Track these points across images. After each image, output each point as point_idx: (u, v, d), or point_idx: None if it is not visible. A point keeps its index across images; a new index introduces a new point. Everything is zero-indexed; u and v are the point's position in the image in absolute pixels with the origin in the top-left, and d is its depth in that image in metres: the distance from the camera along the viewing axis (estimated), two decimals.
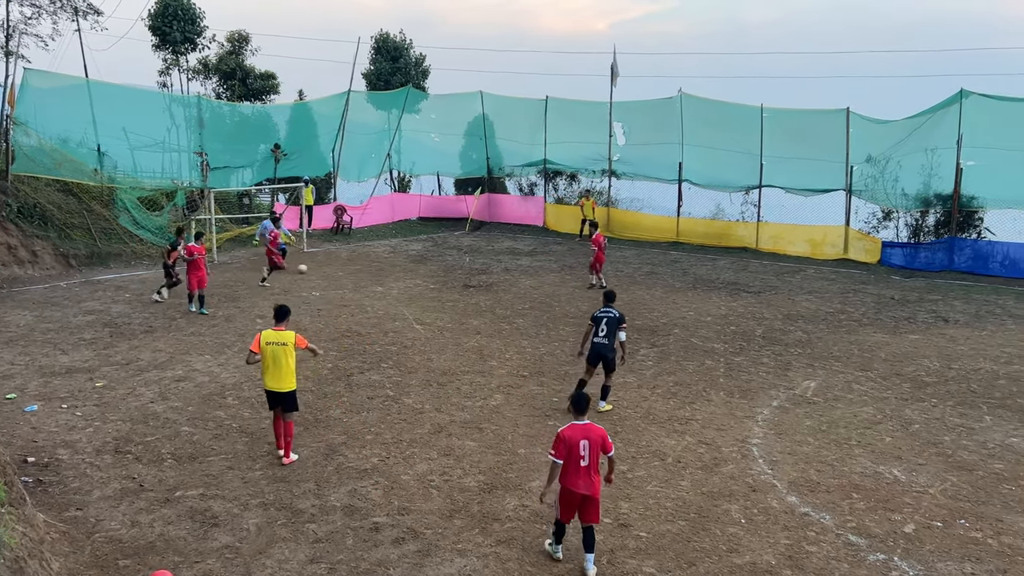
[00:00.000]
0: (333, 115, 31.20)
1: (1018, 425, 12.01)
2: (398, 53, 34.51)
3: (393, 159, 33.81)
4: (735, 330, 17.34)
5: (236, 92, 31.58)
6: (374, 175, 33.20)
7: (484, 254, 26.64)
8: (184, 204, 25.80)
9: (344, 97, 31.14)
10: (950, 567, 8.12)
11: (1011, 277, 22.95)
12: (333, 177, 32.03)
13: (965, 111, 23.42)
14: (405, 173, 35.36)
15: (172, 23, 29.87)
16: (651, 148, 29.76)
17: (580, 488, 7.86)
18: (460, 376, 14.07)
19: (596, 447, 7.91)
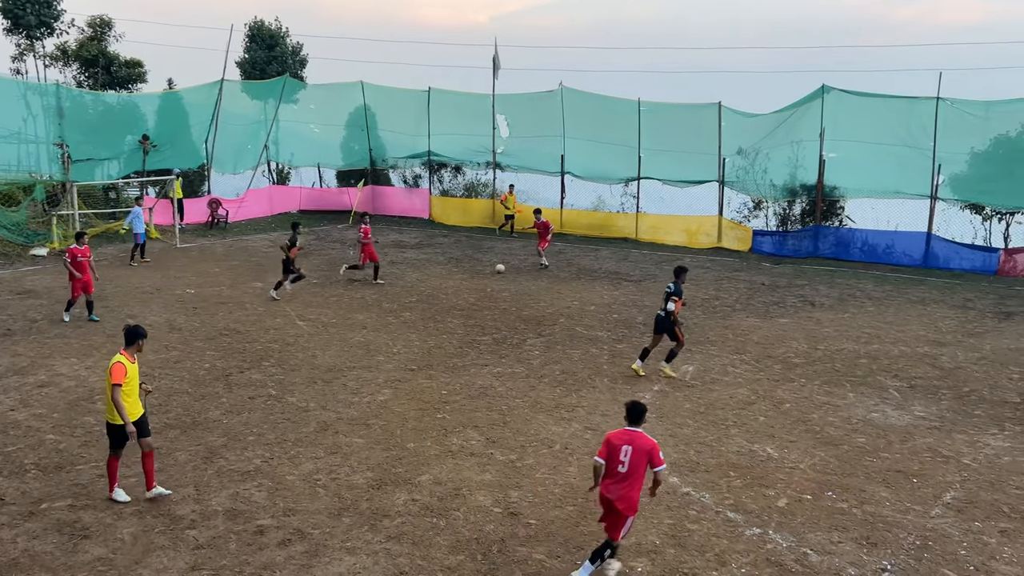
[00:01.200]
0: (206, 105, 29.98)
1: (878, 401, 12.85)
2: (273, 41, 33.49)
3: (271, 150, 32.86)
4: (618, 318, 17.78)
5: (99, 80, 29.85)
6: (251, 167, 32.11)
7: None
8: (44, 199, 24.22)
9: (217, 86, 29.98)
10: (819, 537, 8.61)
11: (870, 262, 24.50)
12: (207, 169, 30.80)
13: (827, 106, 24.79)
14: (284, 165, 34.41)
15: (26, 6, 27.94)
16: (534, 140, 30.13)
17: (610, 493, 7.52)
18: (346, 372, 13.84)
19: (640, 457, 7.44)
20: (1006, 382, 13.77)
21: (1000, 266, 23.05)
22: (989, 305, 19.31)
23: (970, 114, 23.29)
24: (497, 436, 11.19)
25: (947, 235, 24.18)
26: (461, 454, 10.58)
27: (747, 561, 8.12)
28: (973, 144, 23.47)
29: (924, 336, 16.58)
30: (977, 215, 24.74)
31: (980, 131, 23.34)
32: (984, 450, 10.94)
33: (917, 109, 23.76)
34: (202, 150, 30.49)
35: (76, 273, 16.27)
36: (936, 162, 23.65)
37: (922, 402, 12.80)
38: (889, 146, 23.96)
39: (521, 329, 16.79)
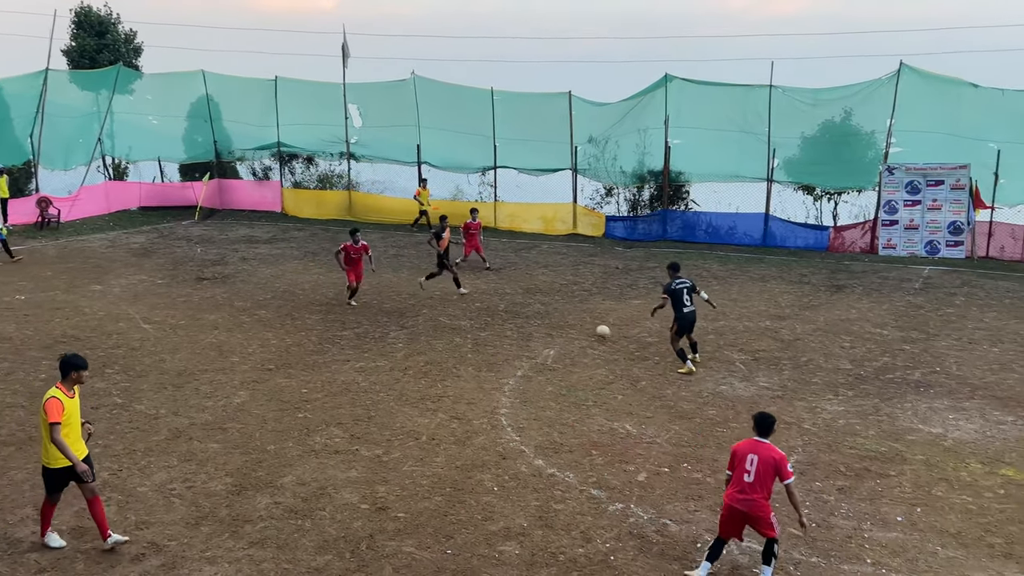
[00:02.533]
0: (28, 96, 27.67)
1: (726, 374, 13.57)
2: (104, 28, 31.36)
3: (105, 144, 30.74)
4: (480, 307, 17.89)
5: None
6: (84, 162, 29.94)
7: (218, 244, 25.16)
8: None
9: (41, 76, 27.76)
10: (677, 507, 9.02)
11: (714, 243, 25.78)
12: (34, 166, 28.51)
13: (670, 94, 25.81)
14: (121, 159, 32.32)
15: None
16: (388, 130, 29.69)
17: (737, 504, 7.54)
18: (198, 376, 13.23)
19: (767, 467, 7.49)
20: (839, 350, 14.87)
21: (831, 243, 24.81)
22: (822, 279, 20.77)
23: (800, 101, 24.89)
24: (362, 432, 11.02)
25: (783, 215, 25.76)
26: (325, 452, 10.36)
27: (611, 536, 8.40)
28: (803, 129, 25.10)
29: (765, 311, 17.64)
30: (809, 196, 26.48)
31: (809, 117, 24.97)
32: (822, 415, 11.79)
33: (752, 96, 25.12)
34: (27, 145, 28.13)
35: None
36: (771, 147, 25.13)
37: (765, 373, 13.62)
38: (728, 132, 25.22)
39: (383, 322, 16.59)
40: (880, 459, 10.28)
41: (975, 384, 13.04)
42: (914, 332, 15.99)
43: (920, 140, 23.48)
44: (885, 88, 23.74)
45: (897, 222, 23.75)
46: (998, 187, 22.83)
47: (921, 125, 23.39)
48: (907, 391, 12.76)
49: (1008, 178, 22.70)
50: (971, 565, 7.89)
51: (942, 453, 10.47)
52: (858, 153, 25.02)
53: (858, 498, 9.25)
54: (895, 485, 9.57)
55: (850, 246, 24.59)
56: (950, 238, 23.20)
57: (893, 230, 23.82)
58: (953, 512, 8.93)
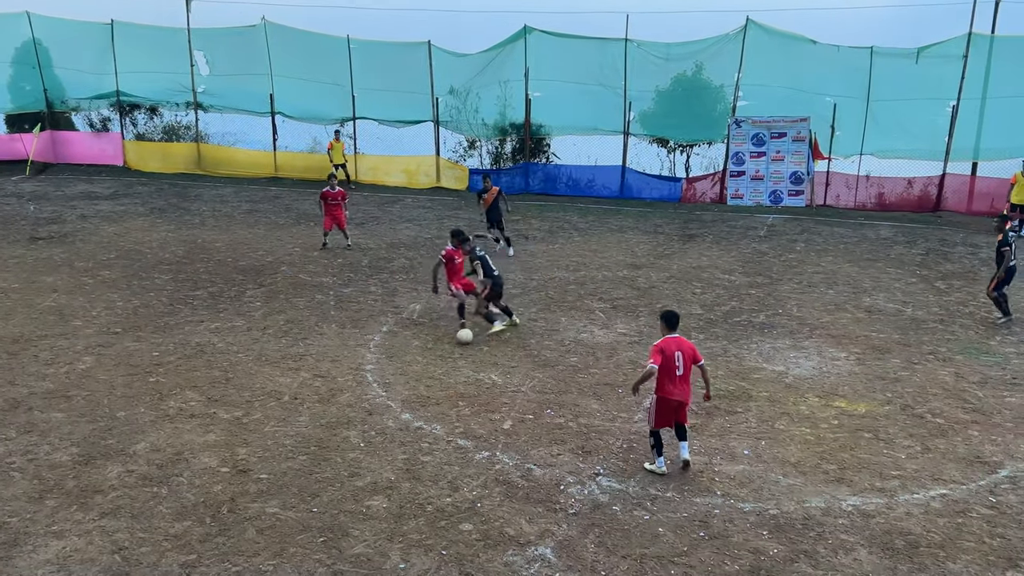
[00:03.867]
0: None
1: (586, 323, 13.95)
2: None
3: None
4: (342, 263, 17.54)
5: None
6: None
7: (53, 200, 23.38)
8: None
9: None
10: (541, 452, 9.26)
11: (575, 195, 26.30)
12: None
13: (530, 46, 25.87)
14: None
15: None
16: (239, 79, 28.28)
17: (675, 396, 8.64)
18: (36, 342, 12.34)
19: (688, 358, 8.66)
20: (690, 296, 15.59)
21: (683, 194, 25.83)
22: (675, 229, 21.63)
23: (654, 55, 25.54)
24: (219, 394, 10.65)
25: (639, 168, 26.56)
26: (180, 417, 9.95)
27: (478, 484, 8.54)
28: (657, 83, 25.82)
29: (623, 261, 18.22)
30: (663, 148, 27.40)
31: (663, 71, 25.71)
32: None
33: (608, 50, 25.55)
34: None
35: None
36: (627, 100, 25.73)
37: (623, 320, 14.12)
38: (587, 85, 25.62)
39: (239, 280, 15.99)
40: (728, 397, 10.91)
41: (813, 324, 14.01)
42: (759, 277, 16.96)
43: (765, 94, 24.70)
44: (733, 43, 24.72)
45: (744, 173, 24.98)
46: (834, 139, 24.39)
47: (766, 79, 24.59)
48: (752, 333, 13.56)
49: (843, 130, 24.29)
50: (809, 491, 8.56)
51: (784, 389, 11.22)
52: (708, 106, 26.06)
53: (708, 435, 9.80)
54: (742, 421, 10.20)
55: (701, 196, 25.69)
56: (792, 188, 24.64)
57: (740, 181, 25.05)
58: (793, 443, 9.63)
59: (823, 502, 8.33)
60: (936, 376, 11.77)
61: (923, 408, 10.65)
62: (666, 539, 7.64)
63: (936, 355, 12.61)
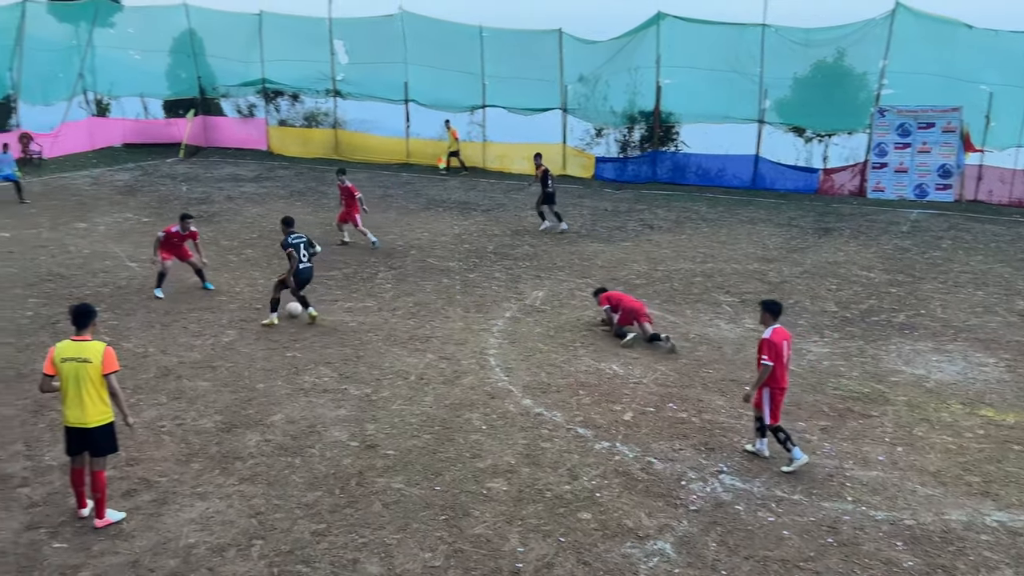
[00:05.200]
0: (6, 28, 26.94)
1: (712, 316, 13.65)
2: None
3: (87, 79, 30.11)
4: (468, 248, 17.84)
5: None
6: (64, 98, 29.35)
7: (203, 182, 24.88)
8: None
9: (19, 8, 26.97)
10: (662, 446, 9.15)
11: (704, 185, 25.67)
12: (13, 100, 27.90)
13: (662, 32, 25.37)
14: (103, 95, 31.66)
15: None
16: (376, 67, 29.14)
17: (786, 385, 8.72)
18: (186, 314, 13.20)
19: (790, 346, 8.77)
20: (825, 293, 14.96)
21: (820, 185, 24.75)
22: (810, 222, 20.78)
23: (792, 41, 24.52)
24: (351, 371, 11.07)
25: (773, 157, 25.61)
26: (314, 391, 10.42)
27: (597, 473, 8.53)
28: (796, 70, 24.78)
29: (753, 254, 17.67)
30: (799, 137, 26.31)
31: (801, 57, 24.63)
32: (807, 356, 11.90)
33: (744, 35, 24.71)
34: (6, 79, 27.51)
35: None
36: (763, 87, 24.85)
37: (752, 315, 13.66)
38: (720, 72, 24.86)
39: (371, 263, 16.54)
40: (863, 400, 10.43)
41: (958, 327, 13.18)
42: (900, 275, 16.09)
43: (912, 82, 23.23)
44: (879, 28, 23.39)
45: (887, 165, 23.69)
46: (989, 130, 22.73)
47: (914, 66, 23.12)
48: (892, 333, 12.89)
49: (999, 121, 22.58)
50: (949, 503, 8.08)
51: (924, 394, 10.63)
52: (850, 94, 24.78)
53: (840, 438, 9.41)
54: (877, 425, 9.73)
55: (839, 189, 24.54)
56: (939, 181, 23.19)
57: (883, 173, 23.77)
58: (933, 452, 9.11)
59: (965, 516, 7.85)
60: None
61: None
62: (791, 543, 7.40)
63: None
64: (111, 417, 7.42)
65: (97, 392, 7.31)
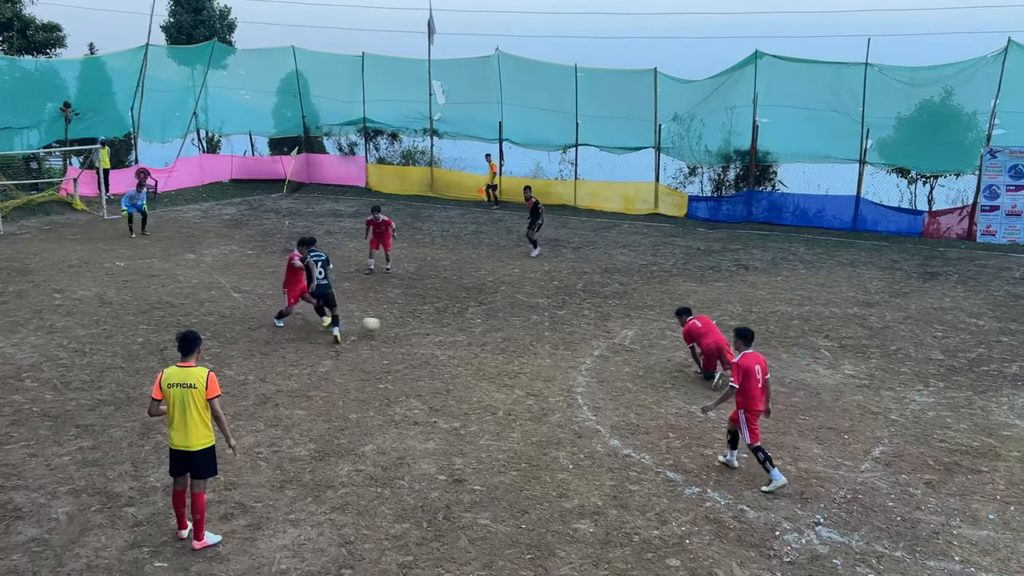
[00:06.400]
0: (130, 71, 28.81)
1: (810, 361, 13.23)
2: (200, 4, 32.37)
3: (200, 118, 31.82)
4: (558, 285, 17.88)
5: (14, 45, 28.43)
6: (179, 135, 31.08)
7: (304, 217, 25.81)
8: None
9: (141, 52, 28.82)
10: (755, 494, 8.88)
11: (801, 226, 25.06)
12: (133, 138, 29.73)
13: (760, 71, 25.08)
14: (214, 133, 33.41)
15: None
16: (471, 107, 29.79)
17: (761, 407, 9.12)
18: (284, 344, 13.64)
19: (764, 371, 9.13)
20: (930, 340, 14.32)
21: (925, 228, 23.82)
22: (914, 266, 19.99)
23: (896, 80, 23.84)
24: (440, 404, 11.20)
25: (875, 198, 24.83)
26: (404, 423, 10.57)
27: (687, 519, 8.34)
28: (900, 109, 24.06)
29: (854, 297, 17.10)
30: (903, 178, 25.46)
31: (906, 96, 23.89)
32: (910, 406, 11.39)
33: (845, 74, 24.19)
34: (128, 118, 29.36)
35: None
36: (864, 127, 24.21)
37: (852, 361, 13.23)
38: (819, 111, 24.38)
39: (462, 298, 16.76)
40: (972, 454, 9.89)
41: None
42: (1013, 323, 15.26)
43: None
44: (990, 66, 22.52)
45: (998, 207, 22.63)
46: None
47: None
48: (1003, 384, 12.21)
49: None
50: None
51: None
52: (957, 135, 23.84)
53: (947, 493, 8.94)
54: (987, 481, 9.20)
55: (946, 232, 23.56)
56: None
57: (993, 216, 22.72)
58: None
59: None
60: None
61: None
62: None
63: None
64: (213, 441, 7.72)
65: (201, 417, 7.62)
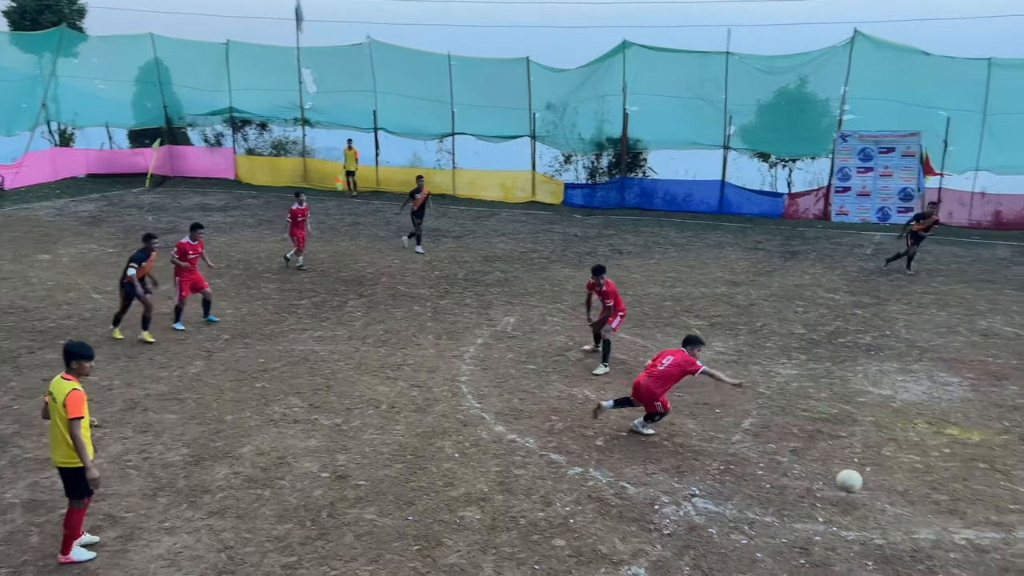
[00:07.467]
0: None
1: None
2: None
3: (50, 109, 29.80)
4: (439, 275, 17.83)
5: None
6: (27, 128, 29.00)
7: (170, 212, 24.65)
8: None
9: None
10: (635, 470, 9.16)
11: (671, 210, 25.95)
12: None
13: (628, 60, 25.74)
14: (67, 125, 31.36)
15: None
16: (344, 96, 29.20)
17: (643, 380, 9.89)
18: (152, 346, 13.02)
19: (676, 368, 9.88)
20: (792, 315, 15.14)
21: (785, 209, 25.14)
22: (776, 246, 21.08)
23: (755, 68, 24.99)
24: (321, 401, 10.98)
25: (739, 182, 26.00)
26: (284, 422, 10.30)
27: (571, 499, 8.51)
28: (759, 97, 25.25)
29: (721, 277, 17.87)
30: (764, 163, 26.76)
31: (765, 84, 25.11)
32: (776, 378, 12.02)
33: (709, 64, 25.15)
34: None
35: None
36: (727, 114, 25.28)
37: (721, 338, 13.83)
38: (685, 99, 25.26)
39: (341, 291, 16.46)
40: (832, 421, 10.54)
41: (923, 347, 13.40)
42: (865, 297, 16.34)
43: (873, 107, 23.80)
44: (839, 55, 23.96)
45: (850, 189, 24.15)
46: (947, 154, 23.28)
47: (874, 92, 23.70)
48: (858, 354, 13.06)
49: (956, 145, 23.16)
50: (917, 521, 8.17)
51: (891, 414, 10.76)
52: (812, 120, 25.29)
53: (810, 459, 9.49)
54: (846, 446, 9.83)
55: (804, 213, 24.95)
56: (901, 204, 23.67)
57: (846, 197, 24.23)
58: (901, 471, 9.22)
59: (933, 534, 7.94)
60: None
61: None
62: (764, 565, 7.43)
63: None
64: (75, 463, 7.09)
65: (62, 434, 7.07)
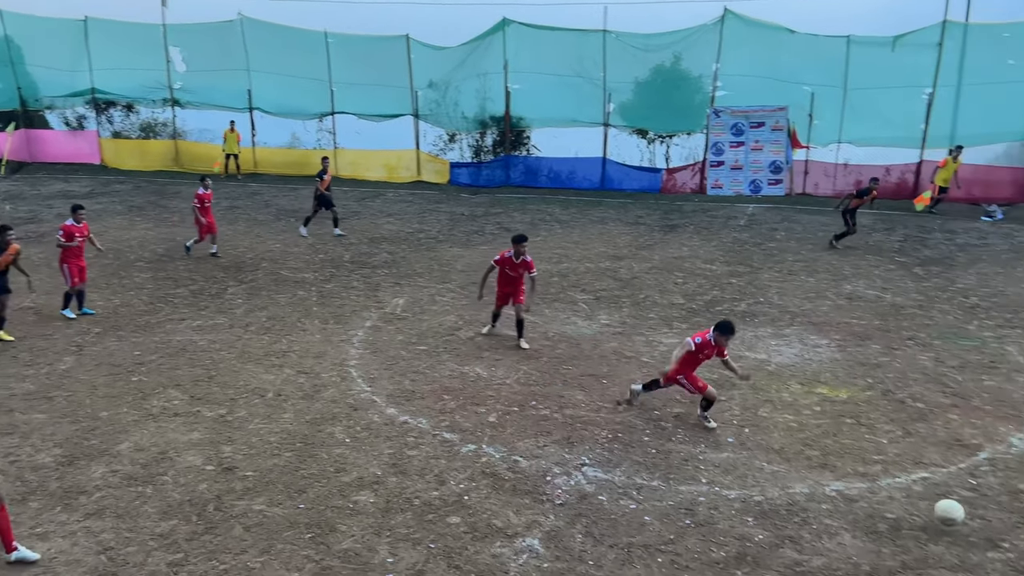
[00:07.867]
0: None
1: (570, 314, 13.99)
2: None
3: None
4: (324, 258, 17.46)
5: None
6: None
7: (29, 200, 23.11)
8: None
9: None
10: (527, 444, 9.29)
11: (556, 188, 26.30)
12: None
13: (508, 38, 25.80)
14: None
15: None
16: (215, 75, 28.01)
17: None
18: (16, 343, 12.22)
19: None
20: (672, 287, 15.66)
21: (663, 184, 25.90)
22: (656, 220, 21.70)
23: (632, 46, 25.53)
24: (203, 392, 10.60)
25: (619, 159, 26.59)
26: (163, 416, 9.89)
27: (464, 477, 8.56)
28: (636, 74, 25.83)
29: (605, 252, 18.26)
30: (643, 139, 27.44)
31: (641, 62, 25.71)
32: (659, 347, 12.42)
33: (587, 41, 25.52)
34: None
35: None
36: (606, 91, 25.74)
37: (607, 311, 14.17)
38: (566, 77, 25.56)
39: (220, 278, 15.89)
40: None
41: (794, 312, 14.13)
42: (740, 266, 17.07)
43: (743, 84, 24.76)
44: (711, 33, 24.76)
45: (723, 163, 25.09)
46: (812, 127, 24.53)
47: (744, 69, 24.65)
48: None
49: (821, 119, 24.43)
50: (793, 476, 8.65)
51: (766, 377, 11.32)
52: (687, 97, 26.09)
53: (693, 424, 9.87)
54: (726, 409, 10.28)
55: (681, 187, 25.77)
56: (771, 177, 24.79)
57: (720, 171, 25.16)
58: (776, 430, 9.72)
59: (807, 488, 8.42)
60: (916, 361, 11.91)
61: (904, 393, 10.78)
62: (653, 527, 7.70)
63: (916, 340, 12.76)
64: None
65: None
